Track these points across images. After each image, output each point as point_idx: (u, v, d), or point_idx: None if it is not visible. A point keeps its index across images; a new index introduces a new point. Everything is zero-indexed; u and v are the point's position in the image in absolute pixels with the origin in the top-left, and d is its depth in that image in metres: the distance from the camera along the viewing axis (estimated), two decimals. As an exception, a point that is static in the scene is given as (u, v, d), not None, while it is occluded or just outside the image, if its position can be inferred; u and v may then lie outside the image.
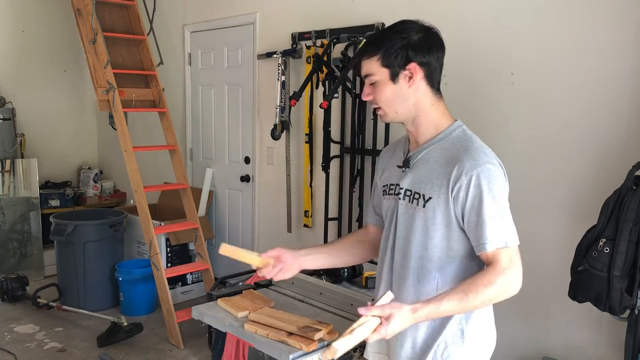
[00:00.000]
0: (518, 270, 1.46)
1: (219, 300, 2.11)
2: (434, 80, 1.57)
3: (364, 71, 1.57)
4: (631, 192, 2.19)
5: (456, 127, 1.59)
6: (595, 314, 2.51)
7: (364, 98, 1.59)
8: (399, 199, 1.61)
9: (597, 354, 2.62)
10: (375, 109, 1.61)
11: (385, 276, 1.68)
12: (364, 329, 1.36)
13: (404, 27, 1.55)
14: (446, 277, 1.55)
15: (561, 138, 2.68)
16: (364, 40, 1.59)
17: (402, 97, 1.54)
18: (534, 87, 2.75)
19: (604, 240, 2.20)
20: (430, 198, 1.52)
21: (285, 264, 1.72)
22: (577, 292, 2.30)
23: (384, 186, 1.72)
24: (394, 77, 1.52)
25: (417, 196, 1.56)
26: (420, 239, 1.56)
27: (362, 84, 1.67)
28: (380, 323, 1.37)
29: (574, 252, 2.35)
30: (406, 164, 1.61)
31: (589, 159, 2.59)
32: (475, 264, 1.53)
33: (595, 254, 2.21)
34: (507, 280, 1.43)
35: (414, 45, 1.51)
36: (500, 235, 1.45)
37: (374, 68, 1.53)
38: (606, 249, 2.18)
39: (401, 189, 1.60)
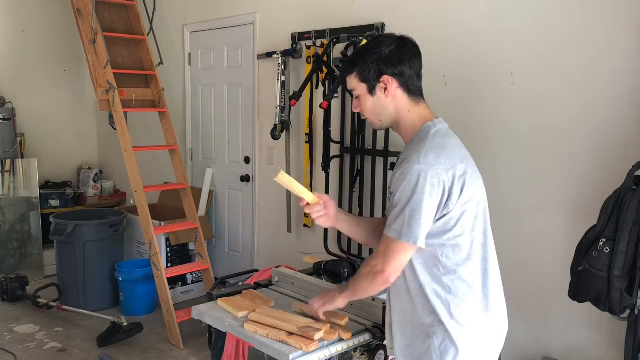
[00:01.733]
0: (390, 263, 1.59)
1: (219, 300, 2.11)
2: (410, 88, 1.68)
3: (348, 87, 1.74)
4: (631, 192, 2.20)
5: (425, 129, 1.67)
6: (595, 314, 2.51)
7: (354, 110, 1.77)
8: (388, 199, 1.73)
9: (597, 354, 2.62)
10: (364, 119, 1.78)
11: None
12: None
13: (376, 42, 1.69)
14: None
15: (561, 138, 2.68)
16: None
17: (382, 107, 1.69)
18: (534, 87, 2.75)
19: (604, 240, 2.20)
20: (392, 193, 1.64)
21: (329, 212, 1.81)
22: (577, 292, 2.30)
23: None
24: (371, 90, 1.68)
25: (389, 194, 1.68)
26: None
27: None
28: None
29: (574, 252, 2.35)
30: (392, 165, 1.73)
31: (589, 159, 2.59)
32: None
33: (595, 254, 2.21)
34: (377, 267, 1.61)
35: (385, 59, 1.64)
36: (395, 226, 1.57)
37: (354, 84, 1.70)
38: (606, 249, 2.18)
39: (388, 187, 1.72)
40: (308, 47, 3.70)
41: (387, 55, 1.64)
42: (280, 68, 3.77)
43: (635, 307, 2.21)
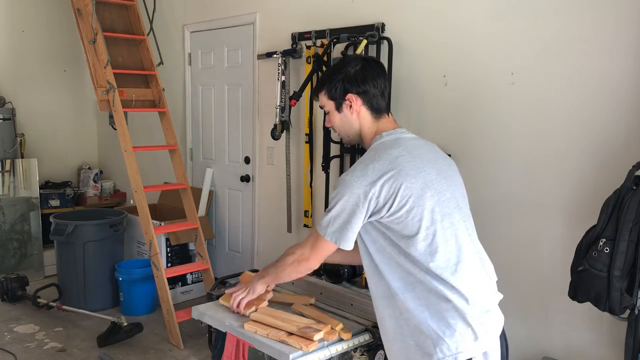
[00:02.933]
0: (314, 254, 1.77)
1: (220, 300, 2.12)
2: (373, 105, 1.80)
3: (320, 104, 1.87)
4: (631, 192, 2.20)
5: (373, 142, 1.79)
6: (595, 314, 2.51)
7: (326, 125, 1.92)
8: None
9: (597, 354, 2.62)
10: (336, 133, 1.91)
11: None
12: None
13: (343, 62, 1.83)
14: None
15: (561, 138, 2.68)
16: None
17: (348, 123, 1.82)
18: (534, 87, 2.75)
19: (604, 240, 2.20)
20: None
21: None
22: (577, 292, 2.30)
23: None
24: (338, 107, 1.81)
25: None
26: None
27: None
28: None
29: (574, 252, 2.35)
30: None
31: (589, 159, 2.59)
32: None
33: (595, 254, 2.21)
34: (304, 255, 1.79)
35: (350, 78, 1.77)
36: (322, 222, 1.72)
37: (324, 100, 1.84)
38: (606, 249, 2.18)
39: None
40: (308, 47, 3.70)
41: (352, 74, 1.77)
42: (280, 68, 3.77)
43: (635, 307, 2.21)
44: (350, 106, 1.79)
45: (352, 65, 1.79)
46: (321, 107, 1.88)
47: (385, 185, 1.63)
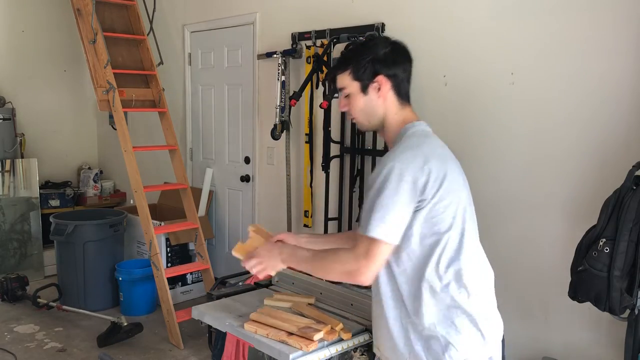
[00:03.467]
0: (369, 263, 1.54)
1: (234, 251, 1.89)
2: (401, 91, 1.71)
3: (338, 85, 1.72)
4: (631, 192, 2.19)
5: (404, 131, 1.68)
6: (595, 314, 2.51)
7: (341, 109, 1.75)
8: None
9: (597, 354, 2.62)
10: (352, 119, 1.75)
11: None
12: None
13: (372, 42, 1.73)
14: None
15: (561, 138, 2.68)
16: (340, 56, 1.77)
17: (372, 107, 1.69)
18: (534, 87, 2.75)
19: (604, 240, 2.20)
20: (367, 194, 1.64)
21: (269, 263, 1.80)
22: (577, 292, 2.30)
23: None
24: (364, 89, 1.68)
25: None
26: None
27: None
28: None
29: (574, 252, 2.35)
30: None
31: (589, 159, 2.59)
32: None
33: (595, 254, 2.21)
34: (354, 266, 1.55)
35: (381, 59, 1.66)
36: (369, 224, 1.53)
37: (346, 82, 1.69)
38: (606, 249, 2.18)
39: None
40: (308, 47, 3.70)
41: (382, 56, 1.67)
42: (280, 68, 3.77)
43: (635, 307, 2.21)
44: (379, 89, 1.66)
45: (381, 47, 1.68)
46: (340, 90, 1.72)
47: (433, 172, 1.55)
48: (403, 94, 1.71)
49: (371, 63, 1.66)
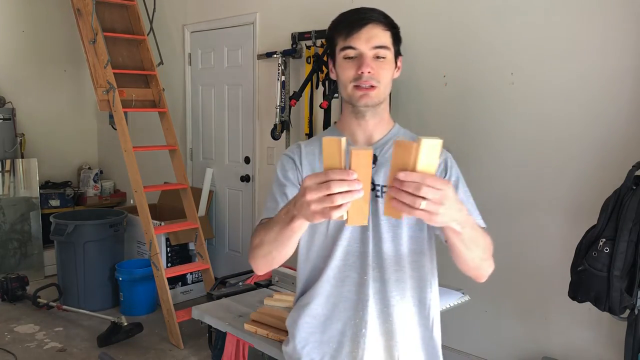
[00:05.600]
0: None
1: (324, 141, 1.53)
2: None
3: (378, 40, 1.34)
4: (631, 192, 2.20)
5: (398, 129, 1.47)
6: (595, 314, 2.51)
7: (368, 70, 1.33)
8: (380, 198, 1.37)
9: (597, 354, 2.62)
10: (364, 88, 1.35)
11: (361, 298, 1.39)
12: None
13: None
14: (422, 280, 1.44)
15: (561, 138, 2.68)
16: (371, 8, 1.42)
17: (390, 84, 1.41)
18: (534, 87, 2.75)
19: (604, 240, 2.20)
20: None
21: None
22: (577, 292, 2.30)
23: None
24: (395, 58, 1.40)
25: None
26: (410, 243, 1.40)
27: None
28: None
29: (574, 252, 2.35)
30: (374, 159, 1.40)
31: (589, 159, 2.59)
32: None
33: (595, 254, 2.21)
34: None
35: (400, 39, 1.42)
36: (480, 216, 1.40)
37: (388, 41, 1.36)
38: (606, 249, 2.18)
39: (377, 185, 1.37)
40: (308, 47, 3.70)
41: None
42: (280, 68, 3.77)
43: (635, 307, 2.21)
44: (398, 68, 1.42)
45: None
46: (375, 47, 1.34)
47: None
48: None
49: (400, 39, 1.41)
